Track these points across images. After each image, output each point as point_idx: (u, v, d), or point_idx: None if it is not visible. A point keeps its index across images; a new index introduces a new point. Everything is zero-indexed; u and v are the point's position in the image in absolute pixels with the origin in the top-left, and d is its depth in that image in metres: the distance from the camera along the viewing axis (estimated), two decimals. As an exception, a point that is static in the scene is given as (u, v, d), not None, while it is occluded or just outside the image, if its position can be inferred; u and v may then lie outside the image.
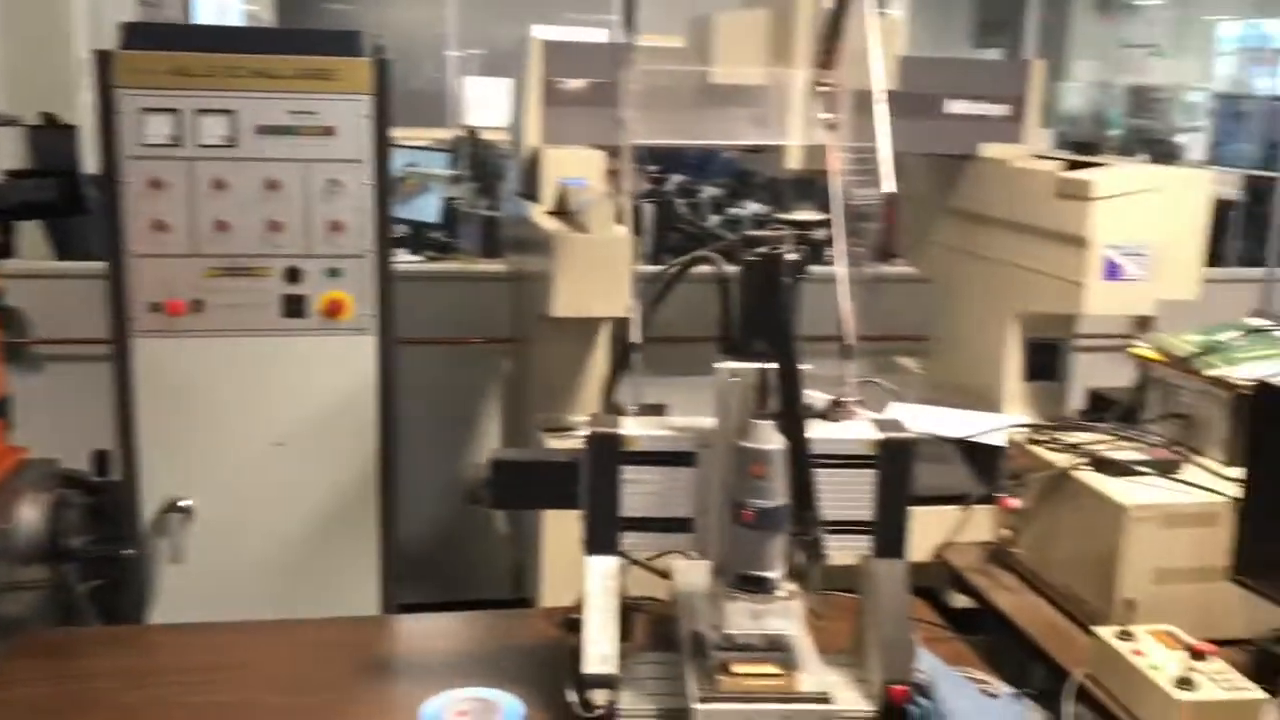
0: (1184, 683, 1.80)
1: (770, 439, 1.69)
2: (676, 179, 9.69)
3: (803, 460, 1.72)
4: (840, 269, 2.10)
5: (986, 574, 2.44)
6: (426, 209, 4.87)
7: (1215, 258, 4.71)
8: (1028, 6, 13.76)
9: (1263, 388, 1.93)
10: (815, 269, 2.15)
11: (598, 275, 2.40)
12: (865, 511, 1.85)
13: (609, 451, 1.81)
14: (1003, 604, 2.33)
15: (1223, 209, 5.84)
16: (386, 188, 2.73)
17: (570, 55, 2.78)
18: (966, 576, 2.45)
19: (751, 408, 1.73)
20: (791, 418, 1.71)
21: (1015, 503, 2.41)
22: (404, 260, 4.09)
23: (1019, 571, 2.42)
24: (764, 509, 1.68)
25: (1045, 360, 2.92)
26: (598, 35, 4.49)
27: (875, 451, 1.85)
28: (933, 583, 2.68)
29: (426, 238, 4.73)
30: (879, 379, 2.80)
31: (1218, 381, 2.31)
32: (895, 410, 2.66)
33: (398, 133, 3.04)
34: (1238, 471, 2.08)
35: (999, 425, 2.60)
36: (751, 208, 6.33)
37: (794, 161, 2.68)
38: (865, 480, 1.85)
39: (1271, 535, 1.93)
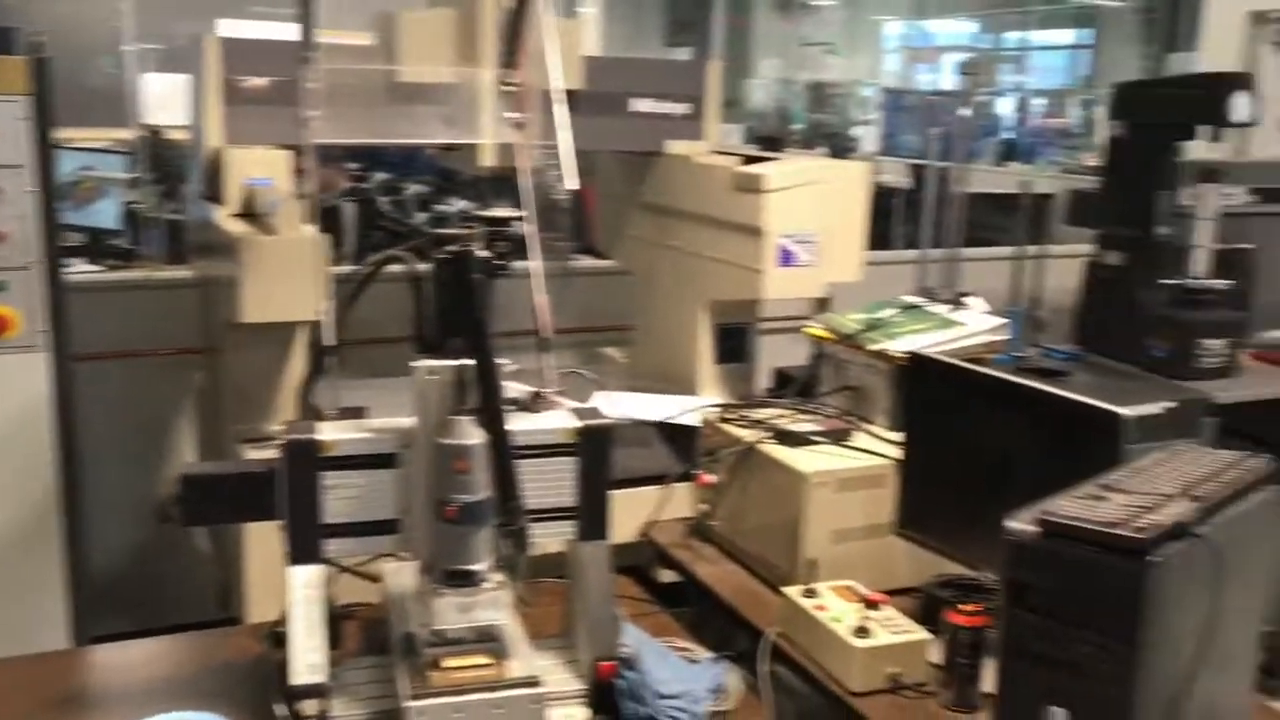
0: (861, 631, 1.98)
1: (470, 434, 1.72)
2: (380, 176, 9.52)
3: (504, 453, 1.76)
4: (534, 264, 2.15)
5: (688, 548, 2.58)
6: (105, 215, 4.55)
7: (884, 241, 5.14)
8: (713, 7, 14.41)
9: (914, 358, 2.15)
10: (517, 264, 2.20)
11: (287, 278, 2.35)
12: (568, 498, 1.92)
13: (306, 458, 1.78)
14: (703, 575, 2.47)
15: (887, 196, 6.36)
16: (52, 194, 2.55)
17: (249, 53, 2.69)
18: (670, 552, 2.57)
19: (450, 404, 1.75)
20: (491, 412, 1.74)
21: (711, 478, 2.55)
22: (81, 270, 3.81)
23: (718, 543, 2.57)
24: (467, 504, 1.71)
25: (734, 344, 3.10)
26: (285, 31, 4.34)
27: (575, 439, 1.91)
28: (640, 560, 2.80)
29: (106, 245, 4.42)
30: (582, 369, 2.90)
31: (879, 355, 2.54)
32: (599, 398, 2.76)
33: (68, 134, 2.84)
34: (900, 436, 2.30)
35: (693, 407, 2.75)
36: (459, 205, 6.31)
37: (488, 159, 2.71)
38: (567, 467, 1.91)
39: (927, 492, 2.16)
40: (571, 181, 2.11)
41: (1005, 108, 12.48)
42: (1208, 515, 1.54)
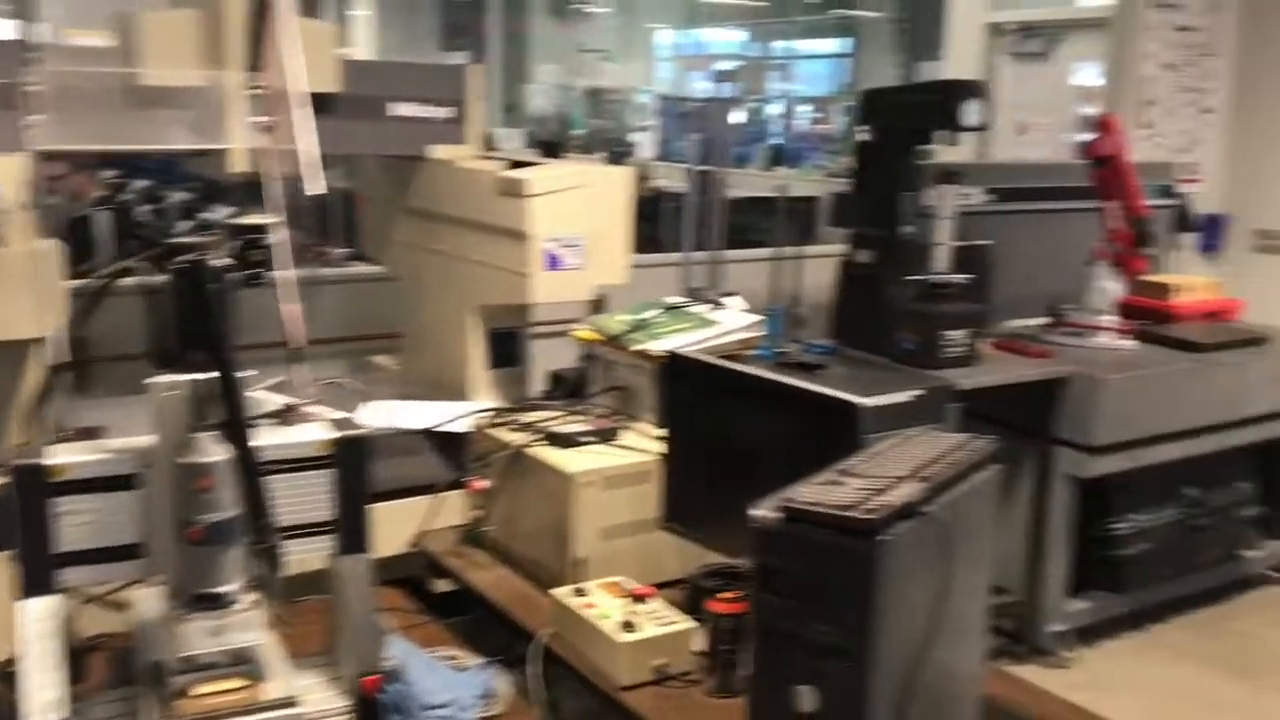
0: (627, 625, 2.02)
1: (212, 451, 1.66)
2: (140, 184, 9.03)
3: (251, 469, 1.70)
4: (283, 273, 2.09)
5: (462, 555, 2.56)
6: None
7: (658, 244, 5.24)
8: (488, 12, 14.36)
9: (671, 357, 2.20)
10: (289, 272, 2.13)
11: (18, 293, 2.20)
12: (325, 512, 1.87)
13: (35, 484, 1.67)
14: (477, 581, 2.45)
15: (663, 200, 6.50)
16: None
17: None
18: (443, 560, 2.55)
19: (191, 421, 1.68)
20: (235, 427, 1.68)
21: (482, 484, 2.54)
22: None
23: (491, 548, 2.56)
24: (213, 524, 1.65)
25: (506, 348, 3.10)
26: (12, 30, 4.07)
27: (330, 451, 1.87)
28: (415, 571, 2.77)
29: None
30: (346, 379, 2.84)
31: (643, 355, 2.60)
32: (365, 408, 2.71)
33: None
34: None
35: (462, 413, 2.73)
36: (223, 212, 6.05)
37: (238, 165, 2.61)
38: (322, 481, 1.86)
39: (688, 486, 2.22)
40: (314, 186, 2.06)
41: (774, 114, 12.98)
42: (935, 495, 1.64)
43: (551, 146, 11.23)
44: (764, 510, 1.58)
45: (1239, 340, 3.87)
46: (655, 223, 5.04)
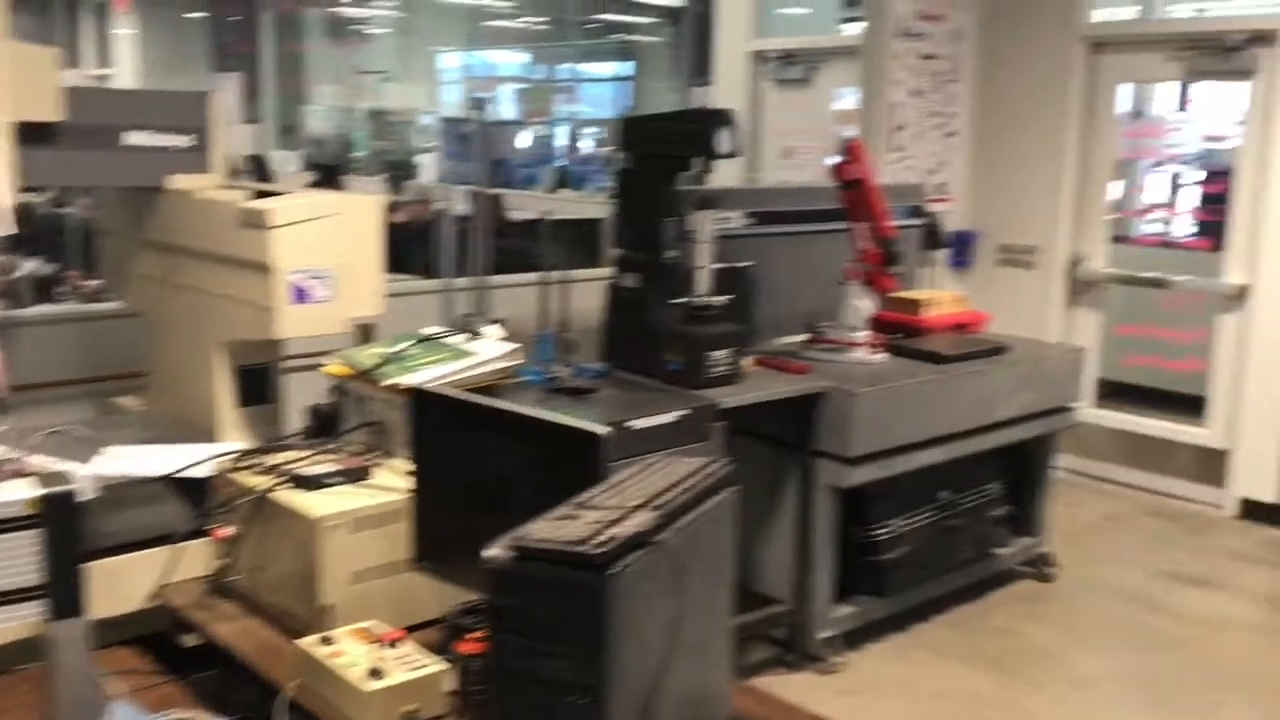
0: (374, 672, 1.96)
1: (-112, 518, 1.51)
2: None
3: (-64, 535, 1.56)
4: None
5: (207, 608, 2.43)
6: None
7: (433, 269, 5.15)
8: (261, 32, 13.91)
9: (416, 392, 2.16)
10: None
11: None
12: (34, 575, 1.74)
13: None
14: (222, 634, 2.33)
15: (434, 225, 6.40)
16: None
17: None
18: (186, 614, 2.41)
19: None
20: (-84, 491, 1.54)
21: (227, 532, 2.42)
22: None
23: (239, 599, 2.44)
24: (-109, 598, 1.51)
25: (256, 385, 2.97)
26: None
27: (37, 510, 1.74)
28: (161, 626, 2.61)
29: None
30: (77, 424, 2.66)
31: (394, 389, 2.54)
32: (104, 454, 2.54)
33: None
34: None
35: (204, 457, 2.60)
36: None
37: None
38: (28, 542, 1.73)
39: (438, 524, 2.17)
40: (5, 228, 1.92)
41: (561, 136, 13.07)
42: (668, 523, 1.66)
43: (330, 169, 10.96)
44: (496, 549, 1.56)
45: (982, 351, 4.11)
46: (433, 247, 4.95)
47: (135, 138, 2.90)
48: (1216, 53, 4.96)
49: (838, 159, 3.96)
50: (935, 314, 4.33)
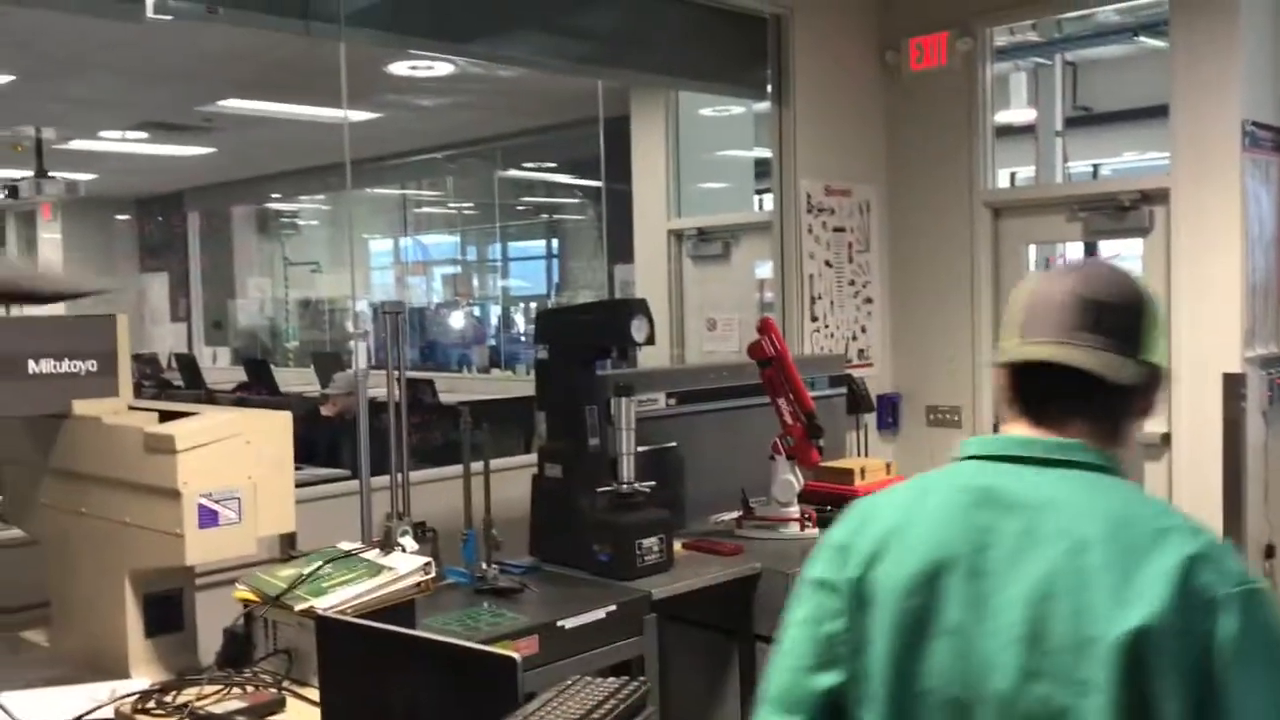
0: None
1: None
2: None
3: None
4: None
5: None
6: None
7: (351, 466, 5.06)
8: (188, 230, 14.07)
9: (318, 620, 2.08)
10: None
11: None
12: None
13: None
14: None
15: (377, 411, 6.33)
16: None
17: None
18: None
19: None
20: None
21: (129, 781, 2.28)
22: None
23: None
24: None
25: (165, 612, 2.84)
26: None
27: (-93, 789, 1.62)
28: None
29: None
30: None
31: (307, 613, 2.45)
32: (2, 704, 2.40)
33: None
34: (328, 699, 2.19)
35: (108, 699, 2.47)
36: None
37: None
38: (-104, 826, 1.61)
39: (350, 759, 2.06)
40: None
41: (493, 315, 13.20)
42: (578, 755, 1.59)
43: (259, 364, 10.93)
44: (398, 802, 1.48)
45: (914, 517, 4.10)
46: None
47: (41, 365, 2.85)
48: (1111, 212, 5.18)
49: (753, 338, 4.02)
50: (866, 482, 4.33)
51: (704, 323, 6.56)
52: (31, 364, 2.85)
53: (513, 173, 11.62)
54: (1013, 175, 7.41)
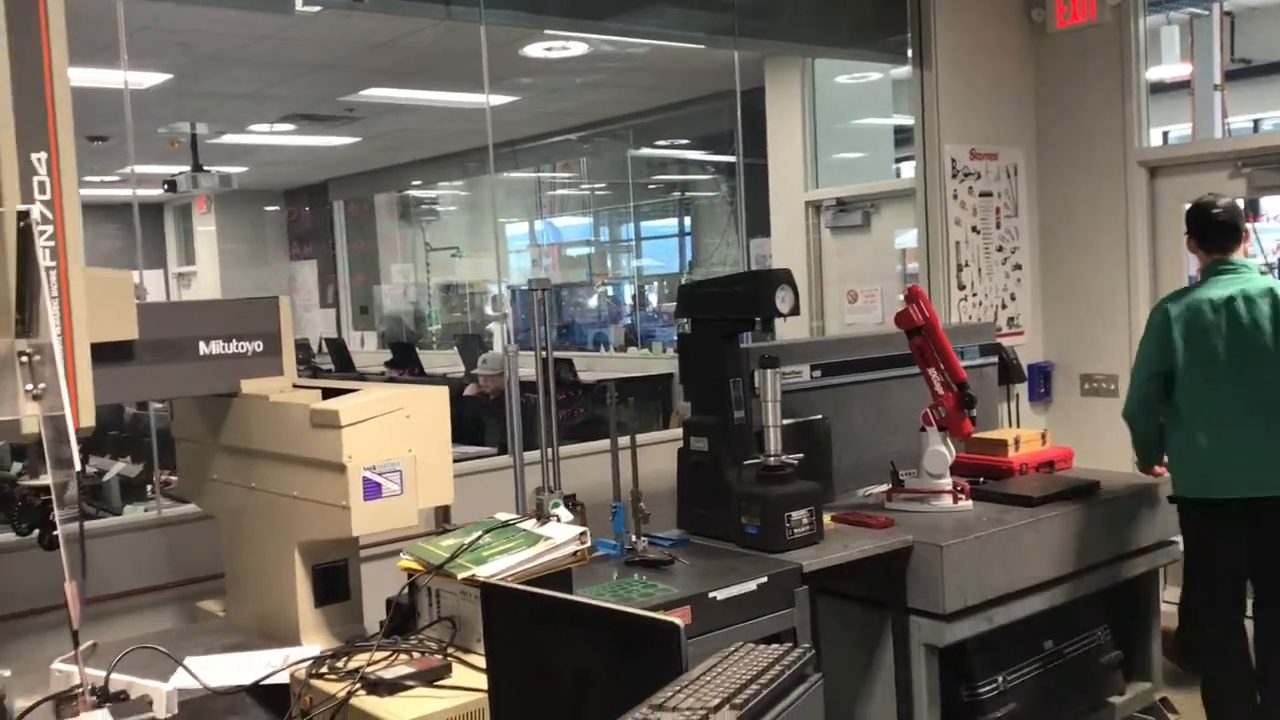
0: None
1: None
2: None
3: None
4: (64, 545, 1.95)
5: (290, 823, 2.37)
6: None
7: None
8: (335, 218, 14.51)
9: (485, 589, 2.12)
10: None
11: None
12: (109, 811, 1.71)
13: None
14: None
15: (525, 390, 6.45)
16: None
17: None
18: (268, 832, 2.35)
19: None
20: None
21: (306, 742, 2.38)
22: None
23: (322, 811, 2.38)
24: None
25: (334, 583, 2.95)
26: None
27: (111, 743, 1.72)
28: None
29: None
30: (164, 637, 2.66)
31: (469, 582, 2.50)
32: (185, 667, 2.53)
33: None
34: (493, 665, 2.24)
35: (284, 664, 2.57)
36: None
37: (30, 428, 2.48)
38: (103, 777, 1.71)
39: (517, 722, 2.10)
40: (76, 462, 1.96)
41: (627, 295, 13.27)
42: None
43: (405, 347, 11.23)
44: (572, 762, 1.49)
45: (1074, 489, 3.97)
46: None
47: (211, 347, 2.98)
48: (1276, 167, 4.90)
49: (896, 309, 3.94)
50: (1021, 453, 4.21)
51: (844, 295, 6.46)
52: (202, 346, 2.98)
53: (645, 151, 11.62)
54: (1165, 134, 7.07)
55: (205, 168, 8.98)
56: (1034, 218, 5.66)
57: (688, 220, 12.87)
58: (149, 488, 5.48)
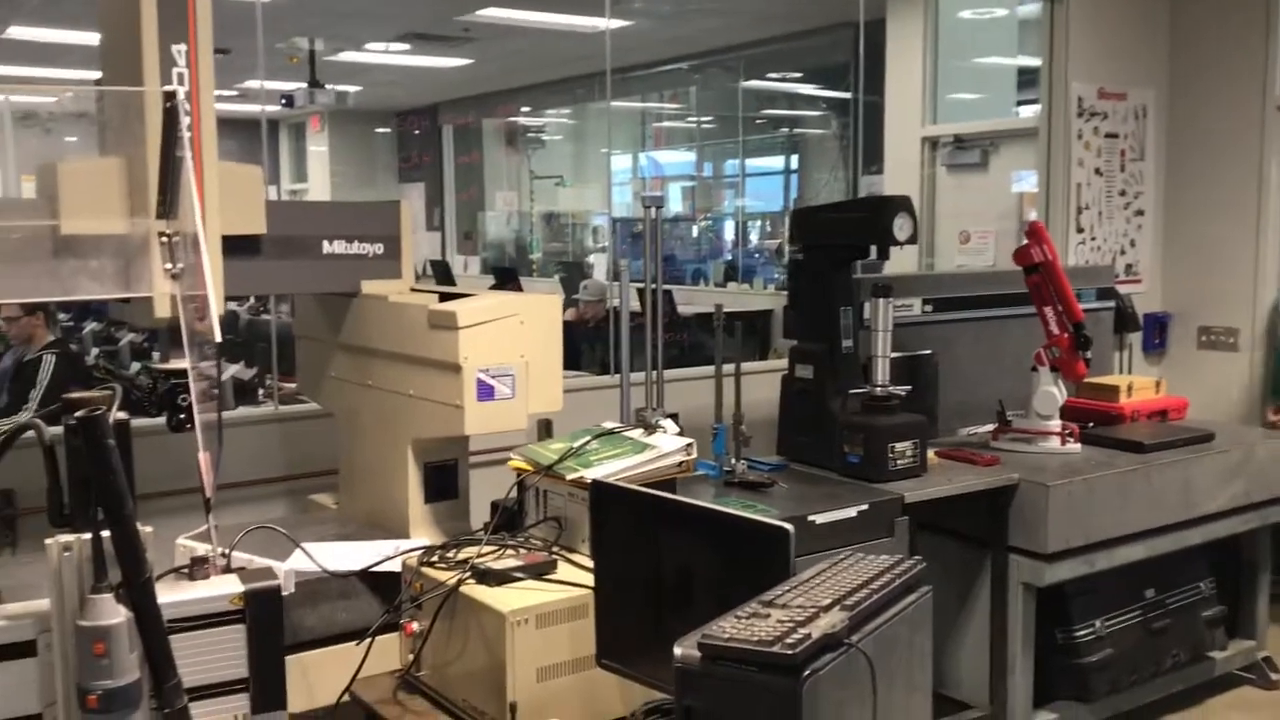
0: (561, 773, 1.93)
1: (110, 613, 1.59)
2: (92, 326, 8.93)
3: (152, 630, 1.63)
4: (197, 418, 2.04)
5: (397, 703, 2.46)
6: None
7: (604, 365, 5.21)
8: (443, 144, 14.63)
9: (598, 487, 2.16)
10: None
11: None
12: (238, 668, 1.80)
13: (-78, 657, 1.60)
14: (411, 732, 2.35)
15: (609, 322, 6.48)
16: None
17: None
18: (377, 710, 2.44)
19: (89, 582, 1.62)
20: (135, 586, 1.62)
21: (415, 626, 2.46)
22: None
23: (427, 694, 2.47)
24: (110, 691, 1.57)
25: (444, 481, 3.03)
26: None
27: (241, 605, 1.80)
28: (355, 720, 2.66)
29: None
30: (275, 522, 2.77)
31: (577, 483, 2.55)
32: (302, 550, 2.63)
33: None
34: (598, 564, 2.28)
35: (394, 553, 2.66)
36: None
37: (159, 311, 2.58)
38: (233, 637, 1.80)
39: (622, 619, 2.15)
40: (216, 335, 2.03)
41: (728, 230, 13.18)
42: (860, 624, 1.59)
43: (509, 271, 11.34)
44: (684, 647, 1.53)
45: (1186, 439, 3.87)
46: (607, 344, 5.04)
47: (334, 246, 3.05)
48: None
49: (1008, 253, 3.85)
50: (1133, 400, 4.11)
51: (956, 235, 6.33)
52: (326, 245, 3.05)
53: (755, 83, 11.46)
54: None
55: (322, 84, 9.11)
56: (1161, 162, 5.46)
57: (793, 158, 12.69)
58: (259, 391, 5.67)
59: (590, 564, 2.43)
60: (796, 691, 1.43)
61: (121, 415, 1.65)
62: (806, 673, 1.44)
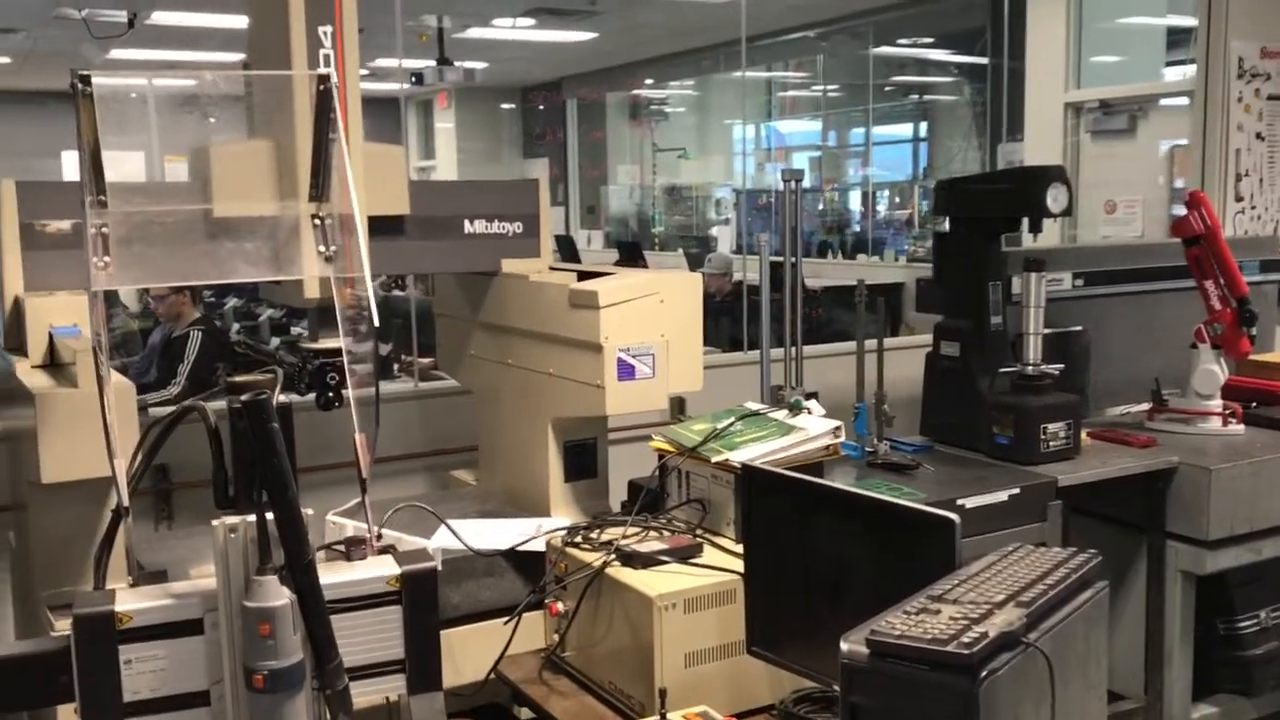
0: (712, 762, 1.90)
1: (275, 595, 1.61)
2: (233, 302, 9.25)
3: (314, 612, 1.64)
4: (350, 397, 2.05)
5: (542, 682, 2.46)
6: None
7: (740, 342, 5.14)
8: (566, 118, 14.68)
9: (745, 470, 2.11)
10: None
11: (91, 433, 2.20)
12: (394, 649, 1.81)
13: (100, 633, 1.64)
14: (557, 710, 2.35)
15: (738, 297, 6.41)
16: None
17: (48, 195, 2.58)
18: (523, 688, 2.45)
19: (254, 563, 1.64)
20: (298, 568, 1.63)
21: (560, 606, 2.45)
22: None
23: (571, 674, 2.46)
24: (275, 671, 1.59)
25: (583, 460, 3.03)
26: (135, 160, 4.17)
27: (397, 586, 1.81)
28: (501, 697, 2.68)
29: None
30: (422, 501, 2.80)
31: (722, 466, 2.50)
32: (445, 529, 2.65)
33: None
34: (746, 549, 2.24)
35: (538, 532, 2.66)
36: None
37: (310, 292, 2.62)
38: (390, 617, 1.81)
39: (772, 605, 2.10)
40: (374, 319, 2.04)
41: (855, 202, 12.93)
42: (1037, 622, 1.52)
43: (632, 246, 11.33)
44: (852, 643, 1.47)
45: (1361, 421, 3.63)
46: (740, 320, 4.97)
47: (474, 226, 3.05)
48: None
49: (1179, 213, 3.65)
50: (1300, 380, 3.88)
51: (1101, 205, 6.07)
52: (467, 224, 3.06)
53: (885, 50, 11.17)
54: None
55: (451, 61, 9.21)
56: (1331, 125, 5.12)
57: (922, 126, 12.37)
58: (395, 367, 5.78)
59: (735, 548, 2.40)
60: (973, 692, 1.37)
61: (284, 398, 1.67)
62: (984, 673, 1.37)
